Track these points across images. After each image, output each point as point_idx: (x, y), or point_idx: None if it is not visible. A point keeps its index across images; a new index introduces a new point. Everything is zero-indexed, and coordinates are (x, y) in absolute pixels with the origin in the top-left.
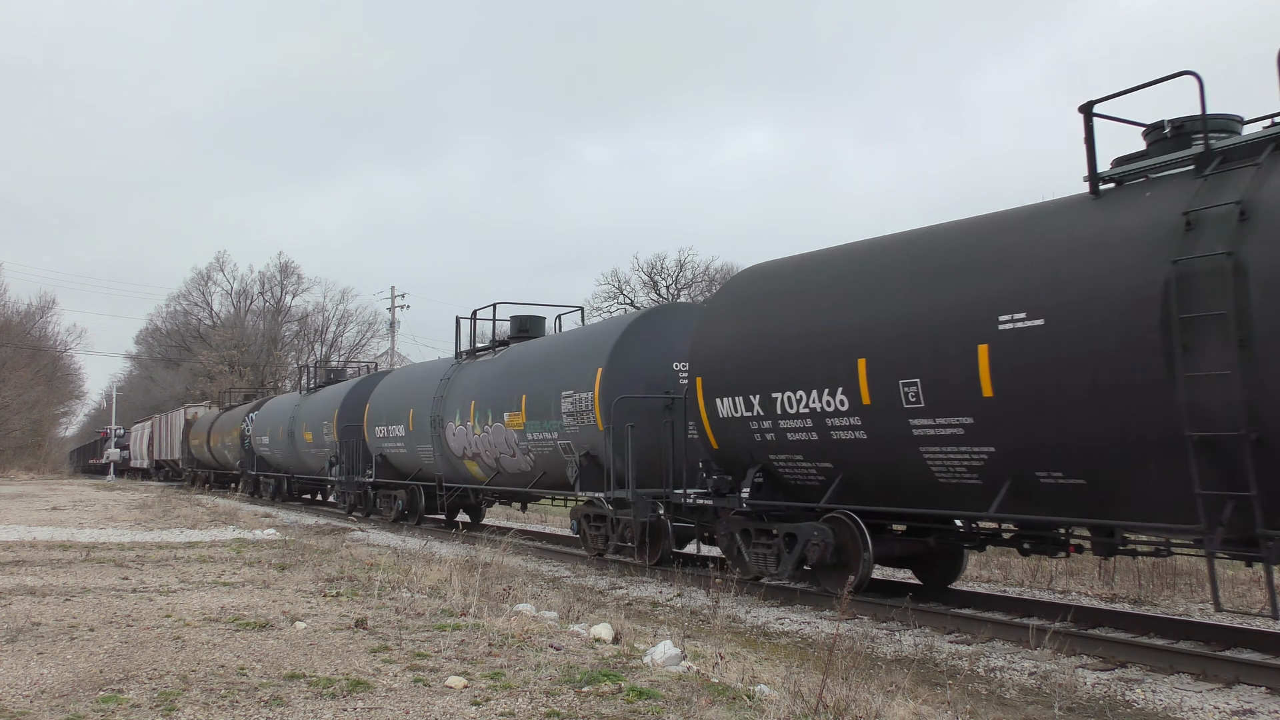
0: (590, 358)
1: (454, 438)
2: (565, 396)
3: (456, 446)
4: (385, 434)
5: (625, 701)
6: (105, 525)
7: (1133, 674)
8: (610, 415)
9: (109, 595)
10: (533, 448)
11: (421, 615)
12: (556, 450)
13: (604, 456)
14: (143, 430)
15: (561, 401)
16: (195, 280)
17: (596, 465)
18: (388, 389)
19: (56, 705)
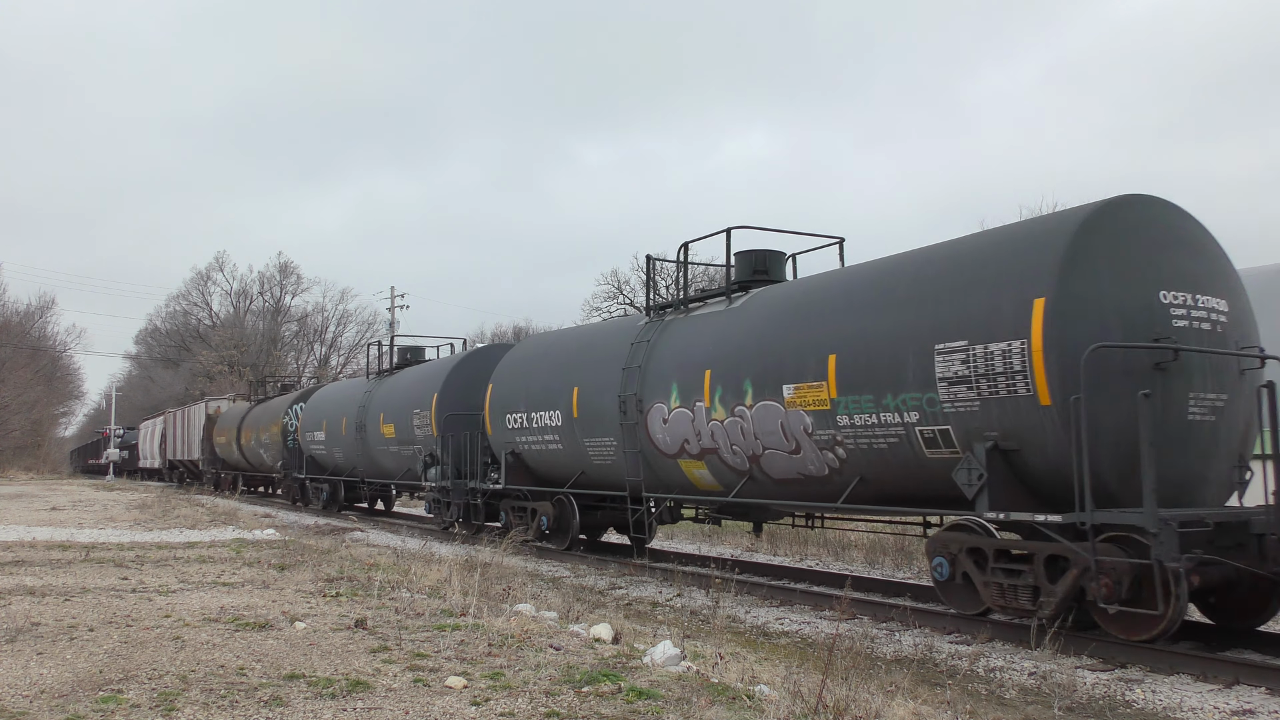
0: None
1: (664, 426)
2: (944, 351)
3: (668, 438)
4: (524, 424)
5: (625, 701)
6: (105, 525)
7: (1133, 674)
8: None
9: (108, 595)
10: (847, 438)
11: (421, 615)
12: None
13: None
14: (153, 428)
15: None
16: (195, 280)
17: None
18: (527, 362)
19: (56, 705)
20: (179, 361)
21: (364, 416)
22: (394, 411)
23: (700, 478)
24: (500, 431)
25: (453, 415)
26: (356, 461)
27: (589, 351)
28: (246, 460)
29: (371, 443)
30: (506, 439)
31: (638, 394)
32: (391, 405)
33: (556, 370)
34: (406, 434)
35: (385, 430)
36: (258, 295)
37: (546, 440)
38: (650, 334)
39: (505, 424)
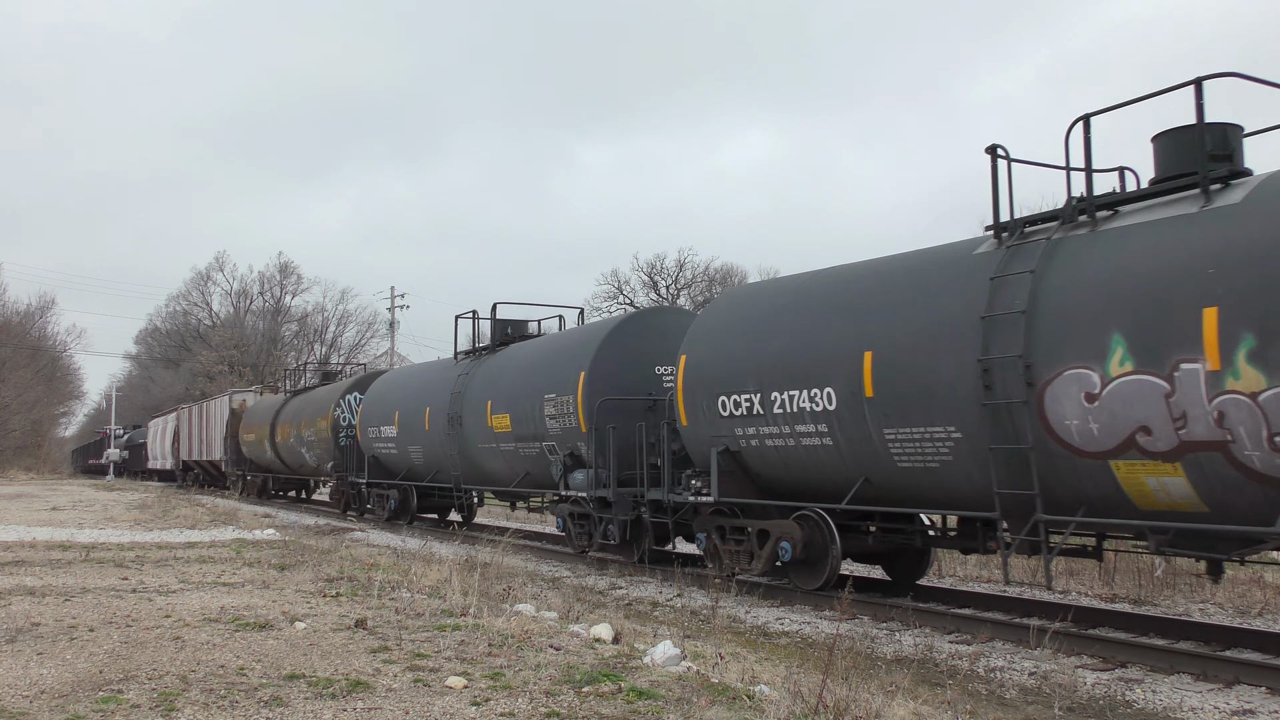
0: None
1: (1086, 406)
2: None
3: (1094, 425)
4: (754, 409)
5: (625, 701)
6: (105, 525)
7: (1133, 674)
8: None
9: (108, 595)
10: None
11: (421, 615)
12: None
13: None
14: (164, 426)
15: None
16: (195, 280)
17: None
18: (755, 318)
19: (56, 705)
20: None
21: (459, 406)
22: (510, 398)
23: (1157, 490)
24: (705, 421)
25: (610, 401)
26: (444, 463)
27: (893, 295)
28: (282, 461)
29: (472, 439)
30: (717, 431)
31: (1024, 356)
32: (506, 390)
33: (821, 324)
34: (532, 427)
35: (496, 423)
36: (258, 295)
37: (801, 433)
38: (1038, 254)
39: (716, 410)
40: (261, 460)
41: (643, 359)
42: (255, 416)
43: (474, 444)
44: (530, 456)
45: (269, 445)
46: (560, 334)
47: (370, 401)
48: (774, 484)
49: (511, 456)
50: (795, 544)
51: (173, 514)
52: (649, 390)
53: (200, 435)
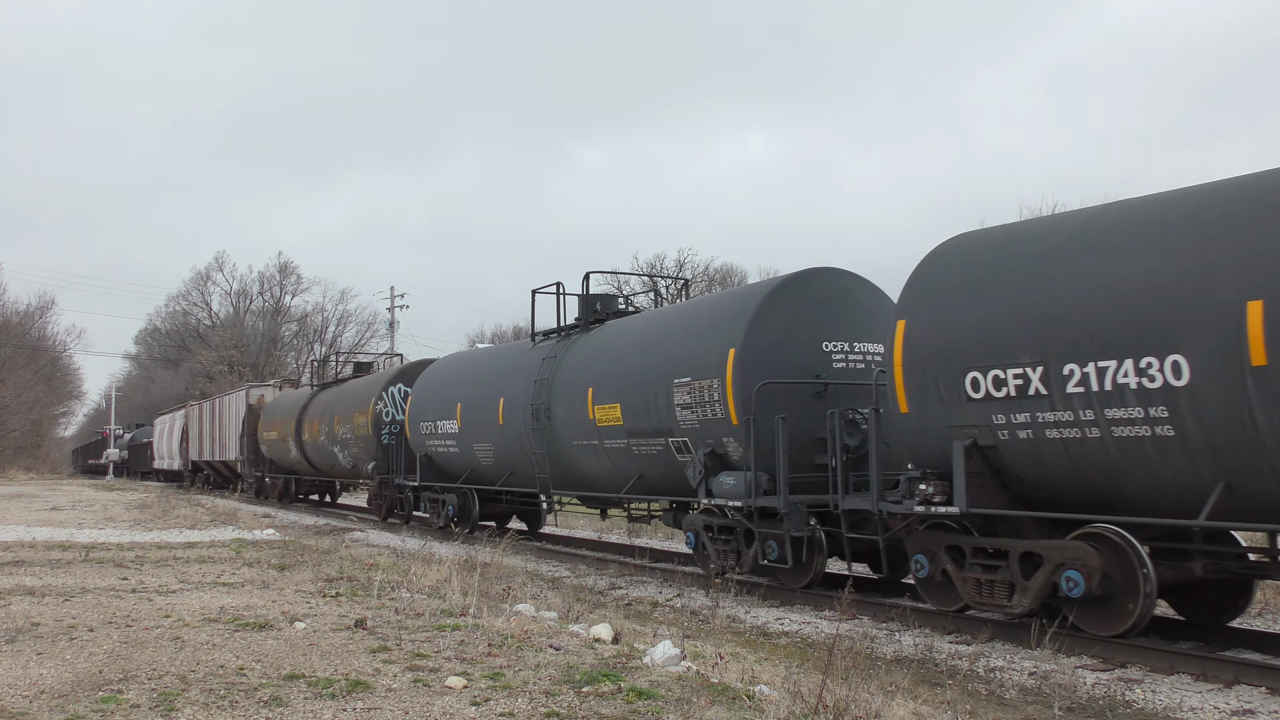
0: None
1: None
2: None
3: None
4: (1032, 386)
5: (625, 701)
6: (104, 525)
7: (1133, 674)
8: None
9: (108, 595)
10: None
11: (421, 615)
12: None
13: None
14: (170, 424)
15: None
16: (194, 280)
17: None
18: (1033, 263)
19: (56, 705)
20: (179, 361)
21: (545, 396)
22: (621, 384)
23: None
24: (940, 407)
25: (772, 387)
26: (522, 463)
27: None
28: (309, 461)
29: (565, 435)
30: (961, 420)
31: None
32: (613, 375)
33: (1159, 263)
34: (653, 419)
35: (601, 415)
36: (257, 295)
37: (1114, 420)
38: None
39: (961, 391)
40: (284, 461)
41: (807, 333)
42: (277, 413)
43: (566, 441)
44: (648, 455)
45: (294, 444)
46: (689, 304)
47: (423, 393)
48: (1040, 490)
49: (620, 455)
50: (1091, 575)
51: (172, 514)
52: (816, 371)
53: (212, 434)
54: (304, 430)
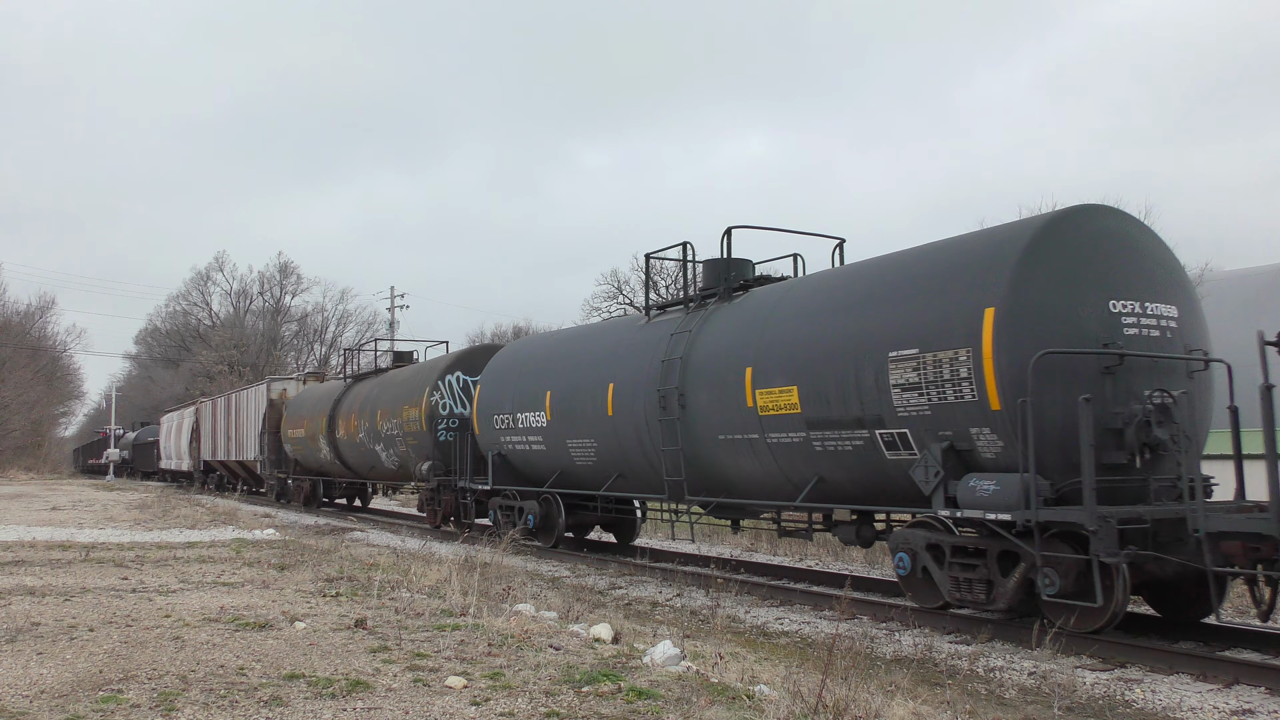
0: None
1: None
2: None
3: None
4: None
5: (625, 701)
6: (104, 525)
7: (1132, 674)
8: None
9: (108, 595)
10: None
11: (421, 615)
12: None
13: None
14: (179, 422)
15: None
16: (195, 280)
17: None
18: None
19: (56, 705)
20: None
21: (679, 379)
22: (797, 361)
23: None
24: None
25: (1054, 356)
26: (640, 463)
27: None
28: (343, 462)
29: (708, 428)
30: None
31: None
32: (783, 350)
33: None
34: (852, 405)
35: (767, 401)
36: (258, 295)
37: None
38: None
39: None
40: (312, 461)
41: (1091, 288)
42: (303, 408)
43: (710, 435)
44: (837, 452)
45: (325, 443)
46: (897, 256)
47: (496, 382)
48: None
49: (792, 452)
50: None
51: (172, 514)
52: (1104, 339)
53: (228, 432)
54: (338, 427)
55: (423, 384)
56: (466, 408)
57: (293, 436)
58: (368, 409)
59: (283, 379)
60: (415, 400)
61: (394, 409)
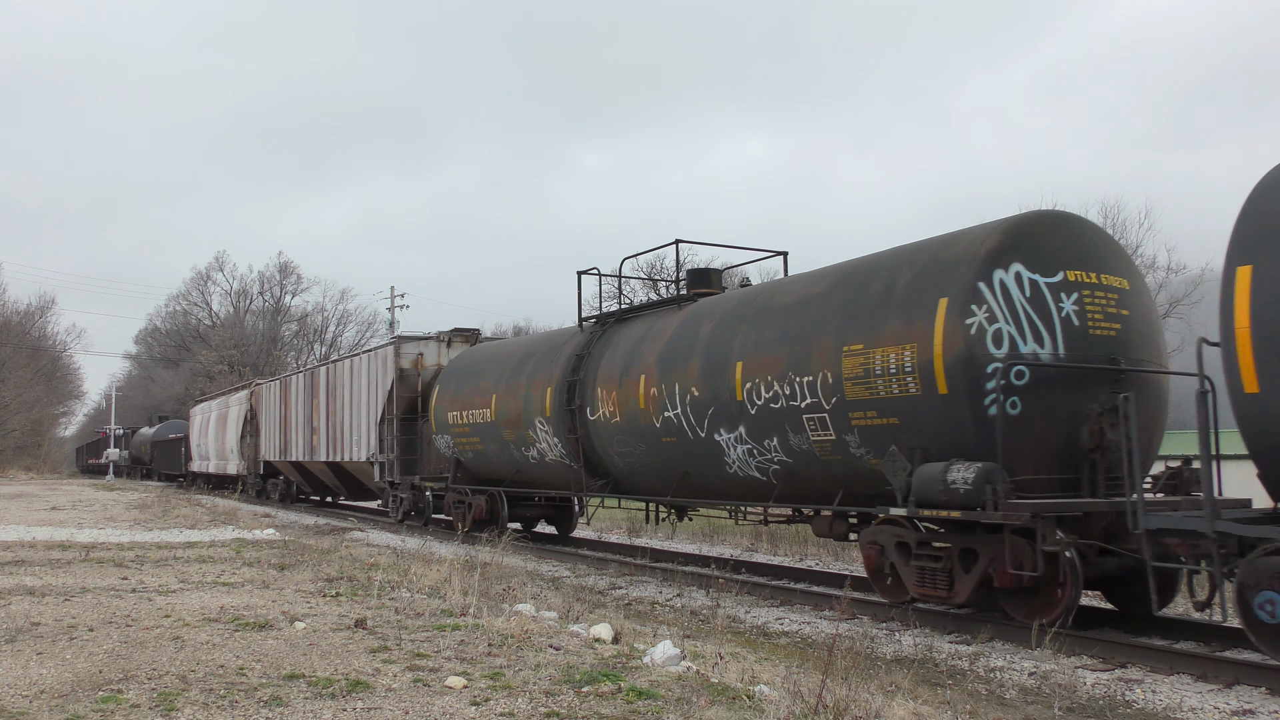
0: None
1: None
2: None
3: None
4: None
5: (625, 701)
6: (104, 525)
7: (1133, 674)
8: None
9: (108, 595)
10: None
11: (421, 615)
12: None
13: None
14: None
15: None
16: (195, 280)
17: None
18: None
19: (56, 705)
20: (179, 361)
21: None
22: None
23: None
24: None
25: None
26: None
27: None
28: (611, 461)
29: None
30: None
31: None
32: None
33: None
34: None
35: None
36: (258, 295)
37: None
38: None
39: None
40: (507, 464)
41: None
42: (486, 376)
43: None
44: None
45: (551, 430)
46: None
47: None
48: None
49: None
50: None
51: (172, 514)
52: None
53: (310, 421)
54: (597, 399)
55: (937, 285)
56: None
57: (460, 424)
58: (719, 355)
59: (415, 340)
60: (924, 314)
61: (815, 350)
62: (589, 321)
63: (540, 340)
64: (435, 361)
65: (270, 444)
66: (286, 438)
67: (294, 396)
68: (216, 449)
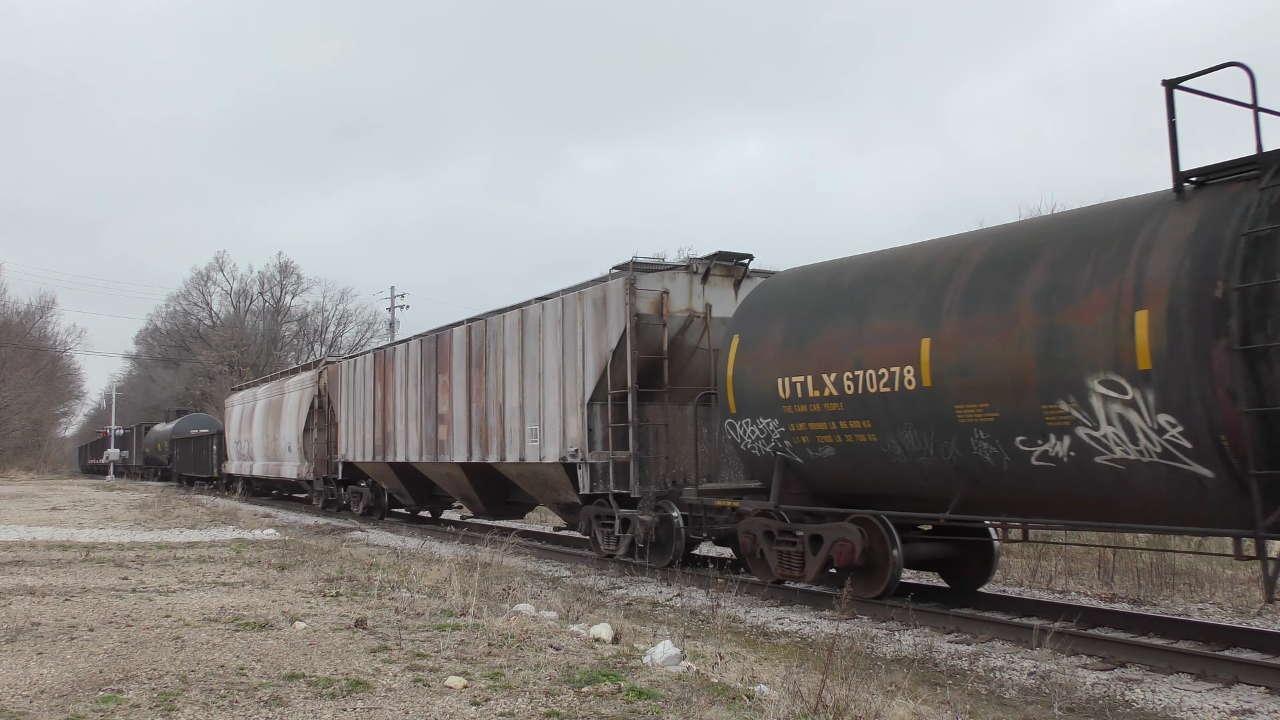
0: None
1: None
2: None
3: None
4: None
5: (625, 701)
6: (105, 525)
7: (1132, 674)
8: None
9: (108, 595)
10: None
11: (421, 615)
12: None
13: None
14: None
15: None
16: (195, 280)
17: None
18: None
19: (56, 705)
20: (179, 361)
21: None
22: None
23: None
24: None
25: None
26: None
27: None
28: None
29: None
30: None
31: None
32: None
33: None
34: None
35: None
36: (258, 295)
37: None
38: None
39: None
40: (906, 469)
41: None
42: (854, 305)
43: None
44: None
45: (1128, 397)
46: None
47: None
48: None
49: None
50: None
51: (173, 514)
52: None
53: (435, 405)
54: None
55: None
56: None
57: (799, 398)
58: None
59: (657, 268)
60: None
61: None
62: (1234, 175)
63: (1041, 230)
64: (685, 306)
65: (355, 439)
66: (385, 430)
67: (399, 374)
68: (265, 446)
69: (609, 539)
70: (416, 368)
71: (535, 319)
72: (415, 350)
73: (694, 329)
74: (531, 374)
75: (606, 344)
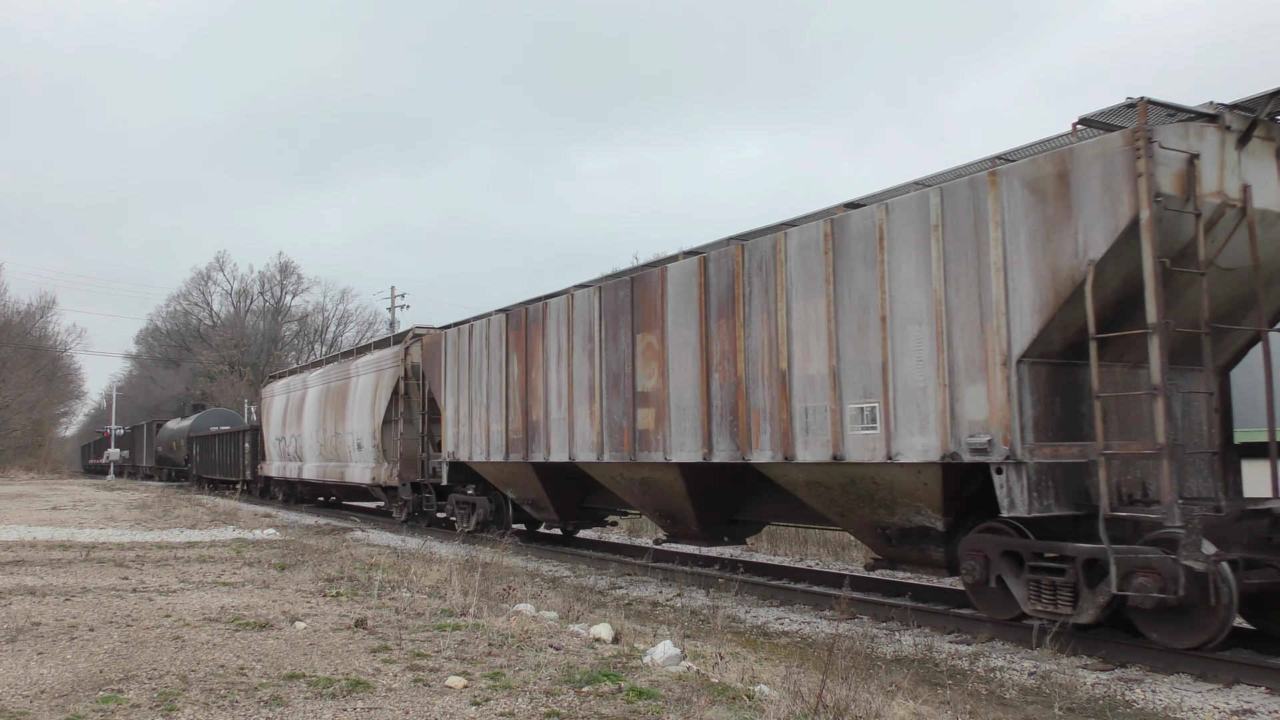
0: None
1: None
2: None
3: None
4: None
5: (625, 701)
6: (105, 525)
7: (1133, 674)
8: None
9: (109, 595)
10: None
11: (421, 615)
12: None
13: None
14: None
15: None
16: (195, 280)
17: None
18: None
19: (56, 705)
20: (179, 361)
21: None
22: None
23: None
24: None
25: None
26: None
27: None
28: None
29: None
30: None
31: None
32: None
33: None
34: None
35: None
36: (258, 295)
37: None
38: None
39: None
40: None
41: None
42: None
43: None
44: None
45: None
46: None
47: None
48: None
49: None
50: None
51: (173, 514)
52: None
53: (618, 383)
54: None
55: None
56: None
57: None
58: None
59: (1183, 113)
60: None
61: None
62: None
63: None
64: (1215, 187)
65: (469, 432)
66: (527, 419)
67: (554, 339)
68: (321, 444)
69: (1050, 599)
70: (588, 328)
71: (863, 231)
72: (584, 304)
73: (1221, 228)
74: (858, 319)
75: (1067, 254)
